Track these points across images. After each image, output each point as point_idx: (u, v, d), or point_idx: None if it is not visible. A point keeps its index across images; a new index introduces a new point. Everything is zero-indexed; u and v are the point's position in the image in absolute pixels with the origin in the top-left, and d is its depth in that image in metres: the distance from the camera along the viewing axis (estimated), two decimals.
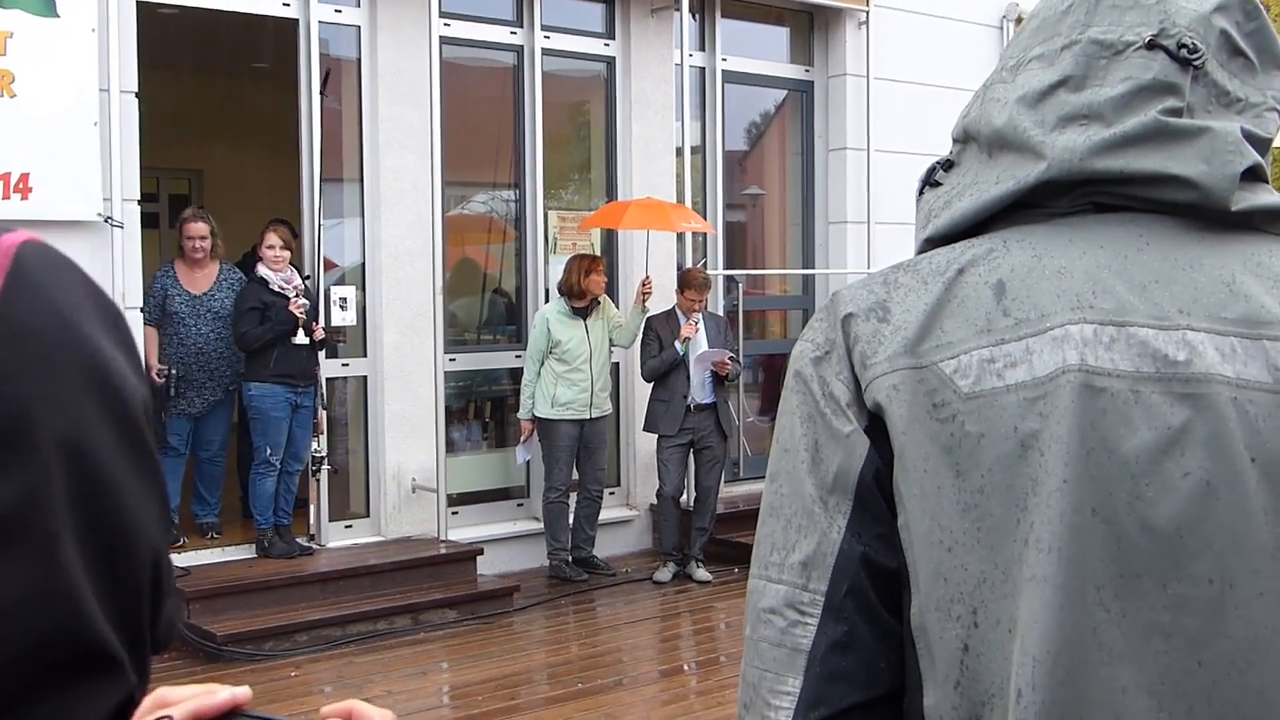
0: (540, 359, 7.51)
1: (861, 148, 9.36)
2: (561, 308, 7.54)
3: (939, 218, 1.09)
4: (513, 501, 8.26)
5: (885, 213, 9.36)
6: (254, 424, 6.96)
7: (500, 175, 8.38)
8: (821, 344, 1.07)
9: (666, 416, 7.64)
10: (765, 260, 9.92)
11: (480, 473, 8.22)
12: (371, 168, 7.54)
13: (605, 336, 7.65)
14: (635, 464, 8.56)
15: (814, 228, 9.64)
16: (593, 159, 8.84)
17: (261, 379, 6.88)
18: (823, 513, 1.04)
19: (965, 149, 1.11)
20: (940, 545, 0.99)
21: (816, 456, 1.04)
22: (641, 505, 8.57)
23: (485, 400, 8.47)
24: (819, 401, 1.05)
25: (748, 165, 9.91)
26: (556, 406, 7.48)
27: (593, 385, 7.53)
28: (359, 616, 6.67)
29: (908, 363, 1.01)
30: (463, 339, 8.41)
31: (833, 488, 1.03)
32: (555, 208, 8.50)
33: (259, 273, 6.96)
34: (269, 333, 6.84)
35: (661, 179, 8.58)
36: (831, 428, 1.04)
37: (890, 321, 1.04)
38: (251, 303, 6.90)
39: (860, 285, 1.08)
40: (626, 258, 8.56)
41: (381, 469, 7.58)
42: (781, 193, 9.85)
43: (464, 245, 8.53)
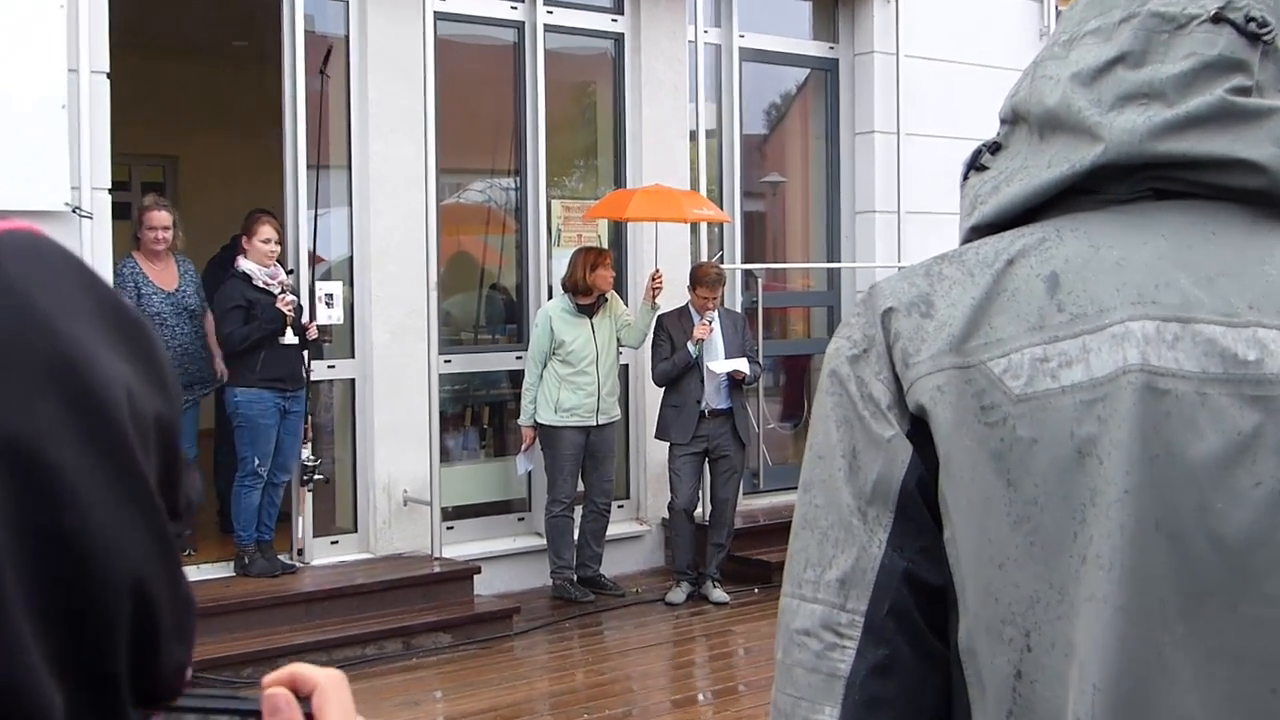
0: (542, 360, 7.52)
1: (891, 131, 9.34)
2: (565, 305, 7.54)
3: (985, 204, 1.09)
4: (513, 515, 8.26)
5: (916, 201, 9.33)
6: (240, 432, 6.93)
7: (499, 162, 8.37)
8: (859, 341, 1.07)
9: (678, 423, 7.65)
10: (786, 253, 9.90)
11: (477, 484, 8.22)
12: (360, 154, 7.54)
13: (613, 336, 7.66)
14: (645, 475, 8.55)
15: (839, 218, 9.62)
16: (599, 144, 8.82)
17: (248, 383, 6.85)
18: (861, 525, 1.04)
19: (1014, 130, 1.11)
20: (990, 561, 0.99)
21: (854, 463, 1.05)
22: (653, 519, 8.56)
23: (483, 405, 8.47)
24: (857, 403, 1.06)
25: (767, 150, 9.90)
26: (560, 412, 7.49)
27: (599, 389, 7.54)
28: (346, 640, 6.68)
29: (953, 361, 1.01)
30: (458, 339, 8.40)
31: (872, 497, 1.04)
32: (559, 197, 8.49)
33: (241, 267, 6.92)
34: (257, 332, 6.81)
35: (674, 166, 8.57)
36: (870, 432, 1.05)
37: (934, 317, 1.04)
38: (235, 300, 6.86)
39: (900, 277, 1.08)
40: (636, 251, 8.56)
41: (370, 480, 7.58)
42: (804, 180, 9.84)
43: (460, 237, 8.52)
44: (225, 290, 6.94)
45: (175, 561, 0.66)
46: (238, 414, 6.91)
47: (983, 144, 1.14)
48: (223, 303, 6.90)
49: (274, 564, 7.07)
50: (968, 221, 1.12)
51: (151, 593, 0.64)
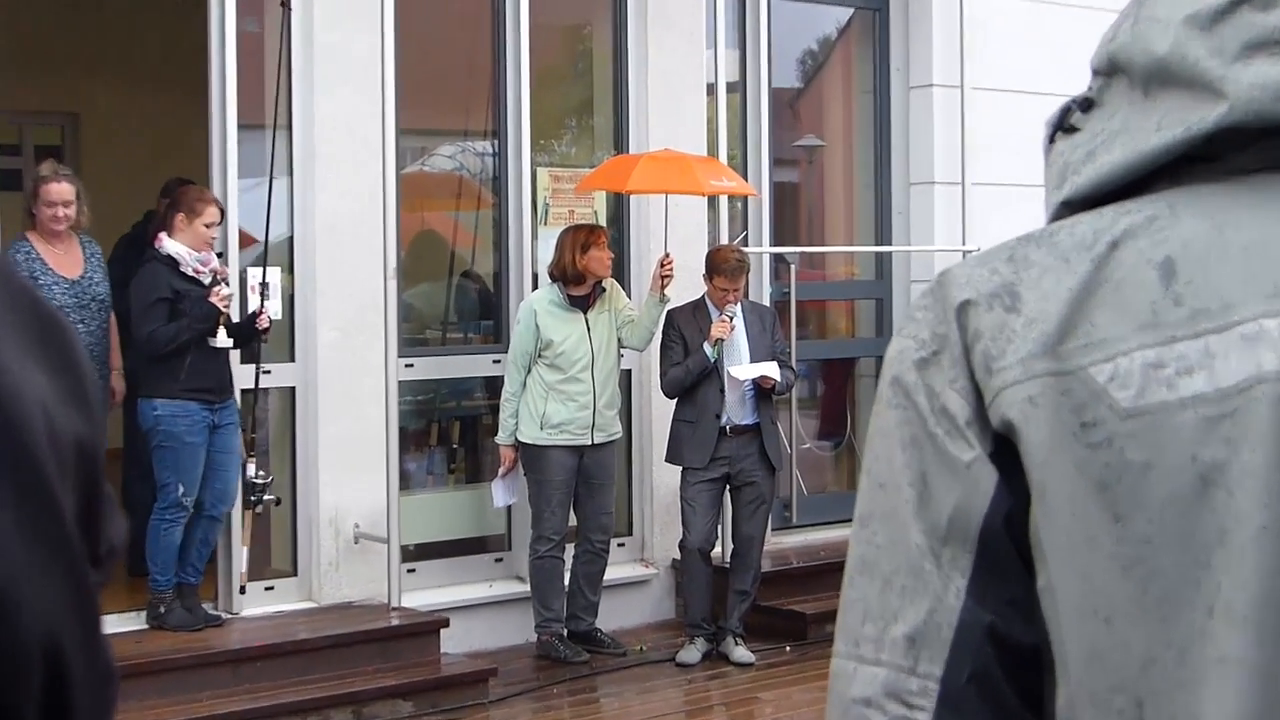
0: (525, 365, 7.53)
1: (953, 84, 9.35)
2: (554, 297, 7.56)
3: (1078, 175, 1.10)
4: (488, 556, 8.27)
5: (985, 170, 9.32)
6: (160, 454, 6.91)
7: (473, 121, 8.34)
8: (928, 341, 1.08)
9: (693, 443, 7.66)
10: (826, 234, 9.90)
11: (445, 517, 8.23)
12: (304, 112, 7.56)
13: (612, 335, 7.67)
14: (652, 506, 8.55)
15: (890, 190, 9.63)
16: (595, 100, 8.81)
17: (170, 394, 6.83)
18: (935, 569, 1.04)
19: (1111, 84, 1.12)
20: (1095, 615, 0.99)
21: (925, 493, 1.05)
22: (661, 561, 8.56)
23: (452, 420, 8.49)
24: (928, 419, 1.06)
25: (802, 108, 9.90)
26: (548, 429, 7.50)
27: (595, 400, 7.55)
28: (284, 709, 6.65)
29: (1047, 367, 1.02)
30: (423, 338, 8.41)
31: (948, 535, 1.04)
32: (546, 164, 8.48)
33: (167, 249, 6.87)
34: (185, 332, 6.79)
35: (687, 126, 8.57)
36: (945, 454, 1.05)
37: (1021, 311, 1.04)
38: (159, 291, 6.82)
39: (977, 263, 1.09)
40: (641, 231, 8.57)
41: (314, 512, 7.59)
42: (847, 144, 9.83)
43: (425, 214, 8.52)
44: (145, 278, 6.88)
45: (95, 623, 0.65)
46: (158, 431, 6.87)
47: (1071, 100, 1.15)
48: (143, 294, 6.84)
49: (197, 615, 7.07)
50: (1057, 195, 1.12)
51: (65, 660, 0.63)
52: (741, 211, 9.02)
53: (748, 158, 9.03)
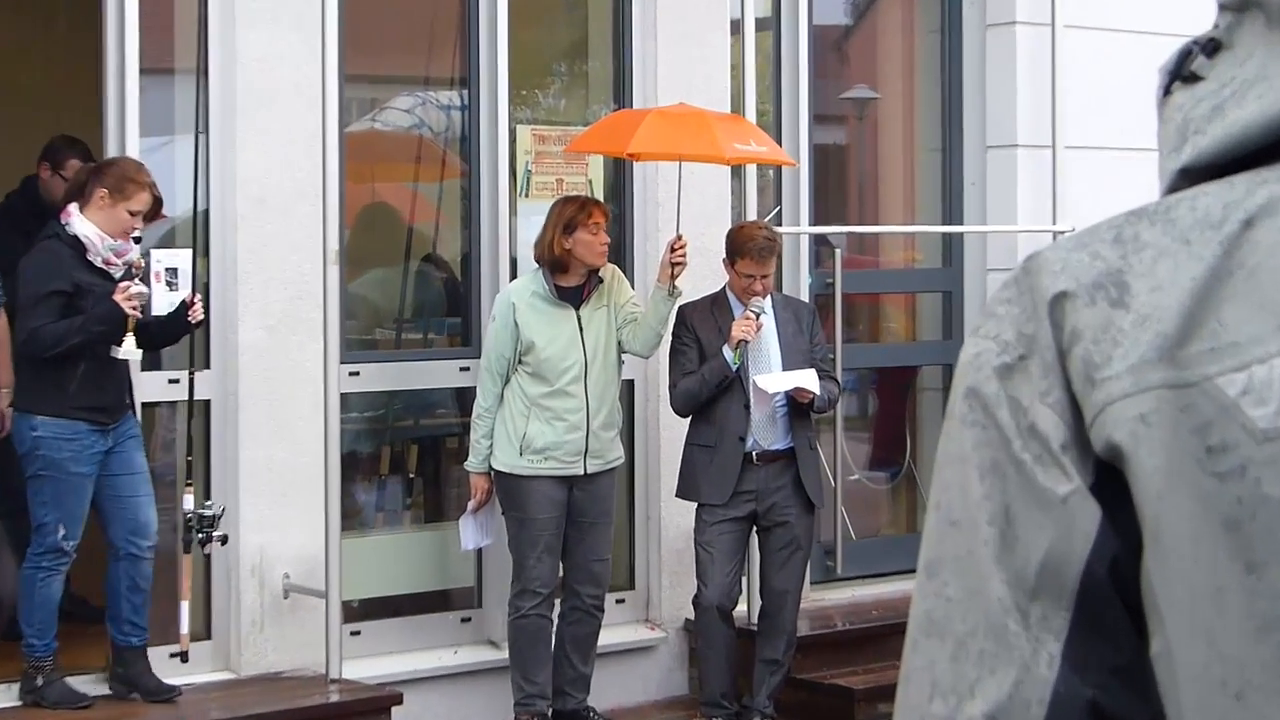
0: (503, 373, 7.52)
1: (1041, 21, 9.34)
2: (538, 288, 7.55)
3: (1202, 135, 1.11)
4: (453, 615, 8.27)
5: (1082, 130, 9.31)
6: (37, 484, 6.92)
7: (437, 67, 8.34)
8: (1013, 343, 1.09)
9: (711, 472, 7.66)
10: (880, 210, 9.88)
11: (399, 566, 8.23)
12: (223, 53, 7.54)
13: (611, 336, 7.65)
14: (660, 553, 8.52)
15: (961, 155, 9.63)
16: (590, 42, 8.79)
17: (55, 410, 6.85)
18: (1022, 630, 1.04)
19: (1242, 21, 1.13)
20: (1222, 688, 0.99)
21: (1009, 534, 1.06)
22: (671, 622, 8.55)
23: (409, 443, 8.50)
24: (1012, 441, 1.07)
25: (851, 52, 9.92)
26: (529, 455, 7.49)
27: (589, 420, 7.53)
28: None
29: (1164, 377, 1.02)
30: (372, 339, 8.38)
31: (1038, 587, 1.04)
32: (528, 121, 8.46)
33: (75, 229, 6.86)
34: (78, 334, 6.79)
35: (706, 74, 8.56)
36: (1035, 485, 1.05)
37: (1131, 306, 1.05)
38: (56, 281, 6.82)
39: (1074, 246, 1.09)
40: (647, 205, 8.55)
41: (233, 558, 7.58)
42: (907, 97, 9.82)
43: (376, 183, 8.51)
44: (40, 261, 6.88)
45: None
46: (36, 456, 6.89)
47: (1193, 42, 1.16)
48: (35, 281, 6.85)
49: (144, 685, 7.10)
50: (1174, 160, 1.13)
51: None
52: (775, 181, 9.00)
53: (782, 114, 9.02)
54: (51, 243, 6.88)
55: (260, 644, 7.60)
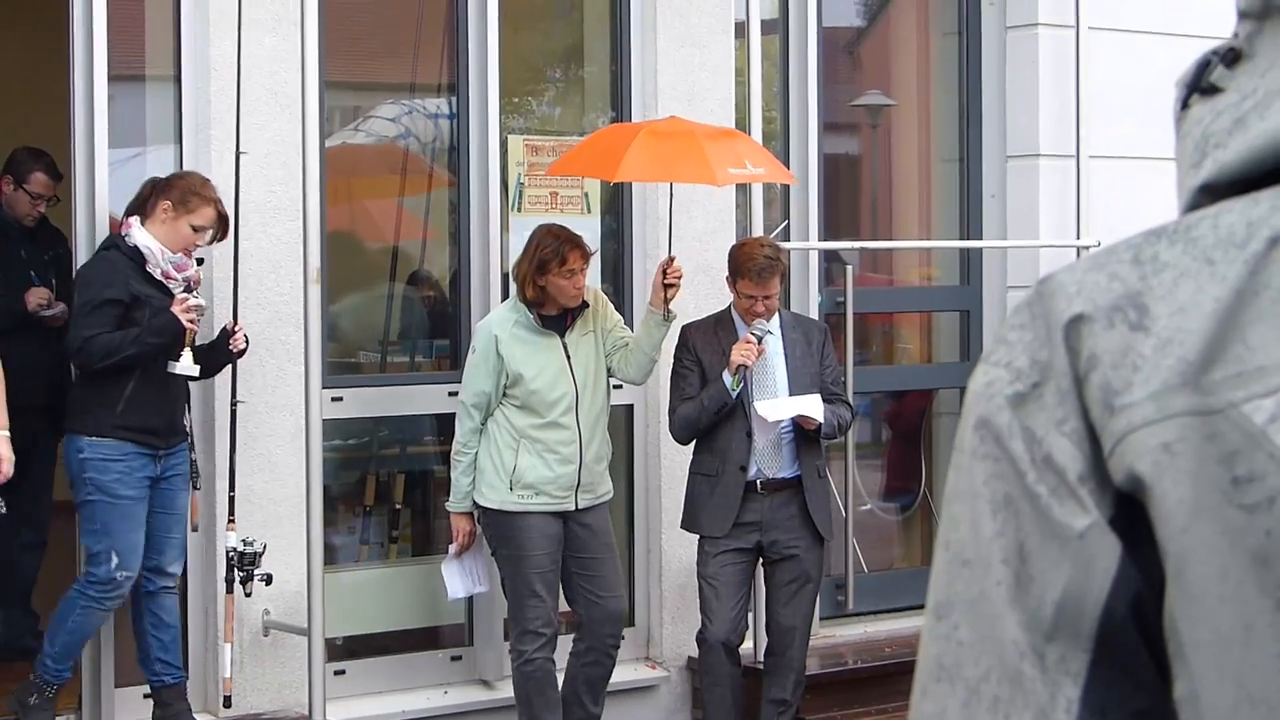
0: (483, 407, 7.47)
1: (1065, 23, 9.38)
2: (520, 317, 7.50)
3: (1223, 149, 1.13)
4: (443, 653, 8.29)
5: (1109, 140, 9.35)
6: (87, 511, 7.02)
7: (423, 72, 8.40)
8: (1025, 370, 1.11)
9: (713, 503, 7.62)
10: (894, 225, 9.93)
11: (385, 602, 8.25)
12: (197, 58, 7.55)
13: (601, 363, 7.61)
14: (662, 588, 8.56)
15: (980, 166, 9.67)
16: (588, 44, 8.84)
17: (101, 430, 6.94)
18: (1039, 675, 1.07)
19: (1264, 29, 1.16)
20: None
21: (1023, 572, 1.08)
22: (673, 660, 8.58)
23: (394, 472, 8.56)
24: (1026, 473, 1.09)
25: (864, 56, 9.95)
26: (520, 489, 7.43)
27: (582, 451, 7.48)
28: None
29: (1188, 403, 1.04)
30: (355, 362, 8.44)
31: (1055, 629, 1.07)
32: (521, 131, 8.52)
33: (135, 239, 6.99)
34: (133, 346, 6.88)
35: (710, 80, 8.59)
36: (1050, 520, 1.08)
37: (1151, 330, 1.07)
38: (113, 289, 6.91)
39: (1090, 267, 1.12)
40: (648, 219, 8.54)
41: (210, 594, 7.60)
42: (923, 105, 9.87)
43: (359, 197, 8.57)
44: (97, 270, 6.99)
45: None
46: (84, 480, 6.97)
47: (1211, 52, 1.18)
48: (90, 288, 6.94)
49: None
50: (1194, 176, 1.16)
51: None
52: (782, 195, 9.02)
53: (790, 122, 9.03)
54: (110, 253, 7.04)
55: (240, 684, 7.59)
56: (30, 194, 8.09)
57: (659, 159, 7.57)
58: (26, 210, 8.12)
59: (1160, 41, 9.19)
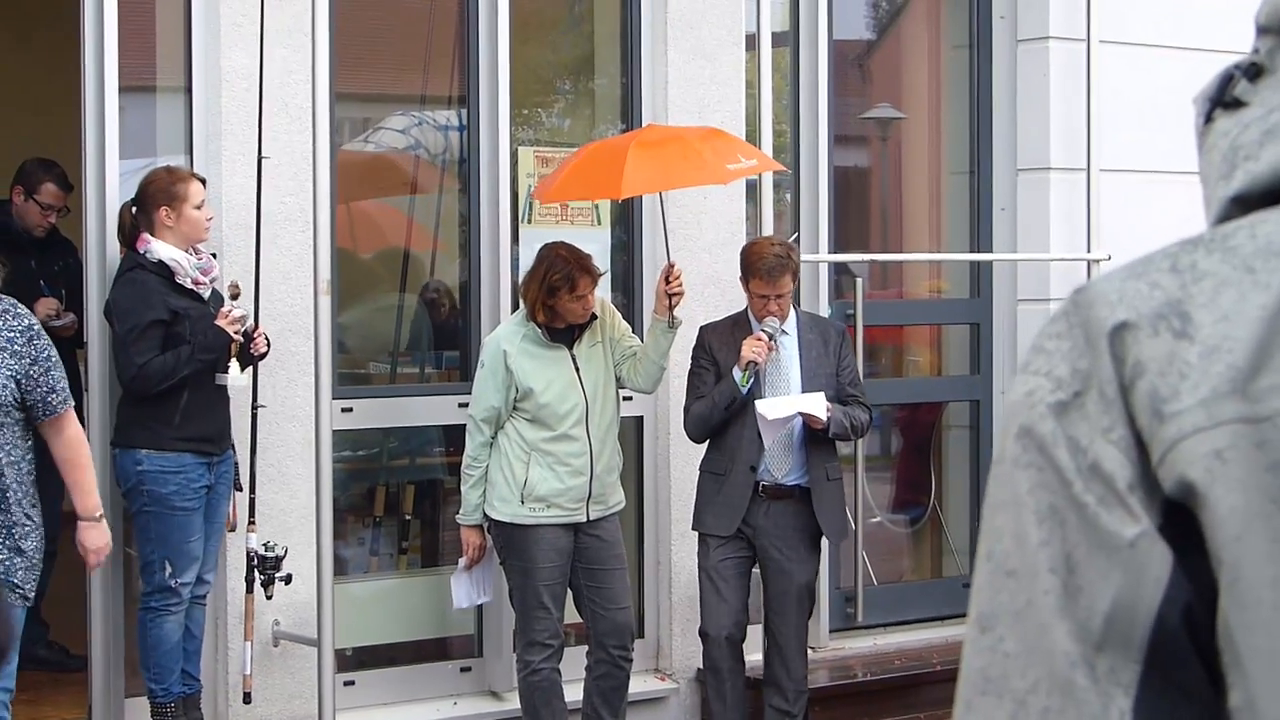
0: (493, 421, 7.43)
1: (1076, 36, 9.37)
2: (529, 331, 7.47)
3: (1255, 160, 1.14)
4: (452, 664, 8.28)
5: (1119, 153, 9.34)
6: (143, 521, 7.07)
7: (433, 84, 8.38)
8: (1066, 379, 1.11)
9: (719, 502, 7.60)
10: (904, 237, 9.91)
11: (395, 613, 8.25)
12: (208, 69, 7.55)
13: (609, 374, 7.59)
14: (671, 597, 8.55)
15: (990, 179, 9.66)
16: (598, 56, 8.83)
17: (160, 443, 6.99)
18: (1090, 685, 1.06)
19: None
20: None
21: (1072, 583, 1.07)
22: (682, 671, 8.58)
23: (404, 484, 8.52)
24: (1073, 482, 1.08)
25: (874, 68, 9.92)
26: (531, 503, 7.41)
27: (593, 463, 7.46)
28: None
29: (1238, 410, 1.04)
30: (365, 373, 8.42)
31: (1104, 639, 1.06)
32: (531, 143, 8.51)
33: (157, 254, 7.00)
34: (188, 365, 6.95)
35: (720, 93, 8.59)
36: (1099, 529, 1.07)
37: (1195, 338, 1.07)
38: (154, 311, 6.94)
39: (1127, 275, 1.12)
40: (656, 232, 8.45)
41: (220, 605, 7.60)
42: (933, 117, 9.85)
43: (369, 208, 8.54)
44: (133, 293, 6.99)
45: None
46: (141, 492, 7.01)
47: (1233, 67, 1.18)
48: (131, 313, 6.95)
49: None
50: (1225, 188, 1.15)
51: None
52: (792, 206, 9.02)
53: (800, 134, 9.04)
54: (137, 273, 7.04)
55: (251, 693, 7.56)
56: (41, 205, 8.12)
57: (659, 168, 7.53)
58: (37, 221, 8.16)
59: (1170, 55, 9.20)
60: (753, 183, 8.51)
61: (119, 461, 7.10)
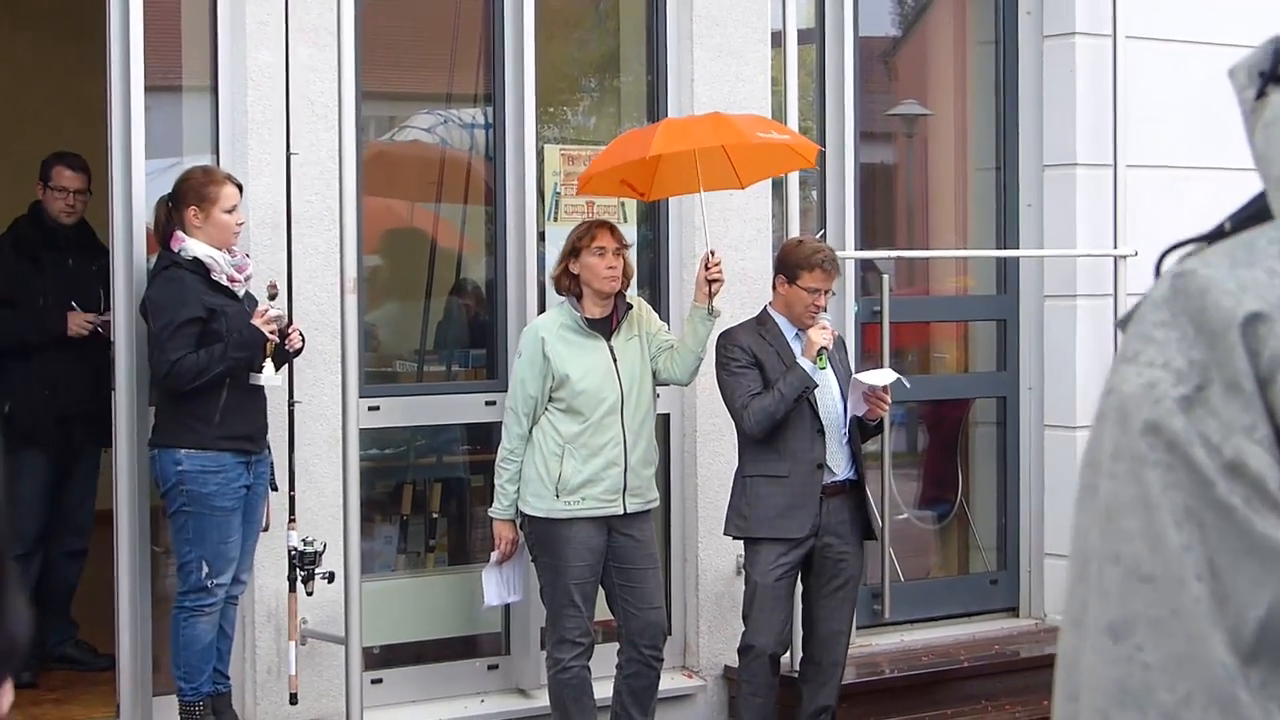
0: (530, 413, 7.42)
1: (1102, 32, 9.34)
2: (567, 319, 7.47)
3: None
4: (480, 662, 8.29)
5: (1146, 149, 9.31)
6: (180, 521, 7.07)
7: (459, 82, 8.38)
8: (1185, 371, 1.06)
9: (790, 505, 7.50)
10: (930, 233, 9.93)
11: (422, 611, 8.25)
12: (234, 67, 7.56)
13: (646, 367, 7.58)
14: (699, 596, 8.52)
15: (1017, 175, 9.65)
16: (624, 54, 8.83)
17: (200, 442, 7.02)
18: (1250, 699, 1.01)
19: None
20: None
21: (1219, 590, 1.02)
22: (709, 669, 8.54)
23: (431, 481, 8.51)
24: (1215, 483, 1.03)
25: (900, 65, 9.92)
26: (566, 496, 7.40)
27: (627, 454, 7.45)
28: None
29: None
30: (392, 372, 8.41)
31: (1257, 649, 1.01)
32: (557, 140, 8.50)
33: (192, 252, 7.01)
34: (220, 363, 6.97)
35: (746, 90, 8.58)
36: (1250, 533, 1.02)
37: None
38: (191, 309, 6.95)
39: (1233, 263, 1.07)
40: (684, 230, 8.57)
41: (247, 603, 7.59)
42: (959, 114, 9.85)
43: (395, 206, 8.55)
44: (170, 289, 6.99)
45: None
46: (180, 491, 7.03)
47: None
48: (167, 310, 6.94)
49: None
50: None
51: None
52: (819, 203, 9.00)
53: (826, 131, 9.02)
54: (173, 271, 7.05)
55: (277, 693, 7.60)
56: (57, 189, 8.15)
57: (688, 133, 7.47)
58: (61, 208, 8.12)
59: (1197, 50, 9.17)
60: (779, 180, 8.50)
61: (158, 461, 7.10)
